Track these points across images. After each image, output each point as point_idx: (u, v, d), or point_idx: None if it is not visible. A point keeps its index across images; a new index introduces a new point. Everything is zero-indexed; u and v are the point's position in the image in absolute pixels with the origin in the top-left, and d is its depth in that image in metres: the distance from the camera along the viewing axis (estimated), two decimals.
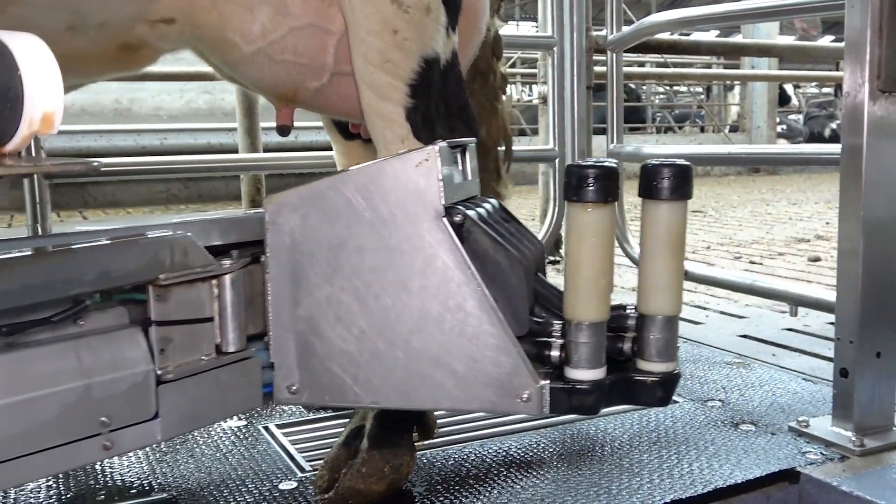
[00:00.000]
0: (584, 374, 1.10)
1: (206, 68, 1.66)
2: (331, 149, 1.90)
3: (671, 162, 1.13)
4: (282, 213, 1.14)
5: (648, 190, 1.12)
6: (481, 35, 1.71)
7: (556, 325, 1.12)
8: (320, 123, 1.84)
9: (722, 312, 3.08)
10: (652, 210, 1.13)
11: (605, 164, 1.11)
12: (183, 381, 1.08)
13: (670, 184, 1.11)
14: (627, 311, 1.17)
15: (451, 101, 1.57)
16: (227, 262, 1.14)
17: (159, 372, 1.06)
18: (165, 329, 1.07)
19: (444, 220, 1.10)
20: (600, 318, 1.11)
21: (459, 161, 1.24)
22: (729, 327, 2.82)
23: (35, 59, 0.76)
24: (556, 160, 2.72)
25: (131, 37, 1.38)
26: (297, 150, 2.90)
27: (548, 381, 1.09)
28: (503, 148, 1.95)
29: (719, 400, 1.94)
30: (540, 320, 1.15)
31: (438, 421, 1.66)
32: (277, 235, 1.15)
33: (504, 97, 1.91)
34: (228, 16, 1.41)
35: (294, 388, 1.17)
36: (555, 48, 2.67)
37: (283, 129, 1.67)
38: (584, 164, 1.10)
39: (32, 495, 1.49)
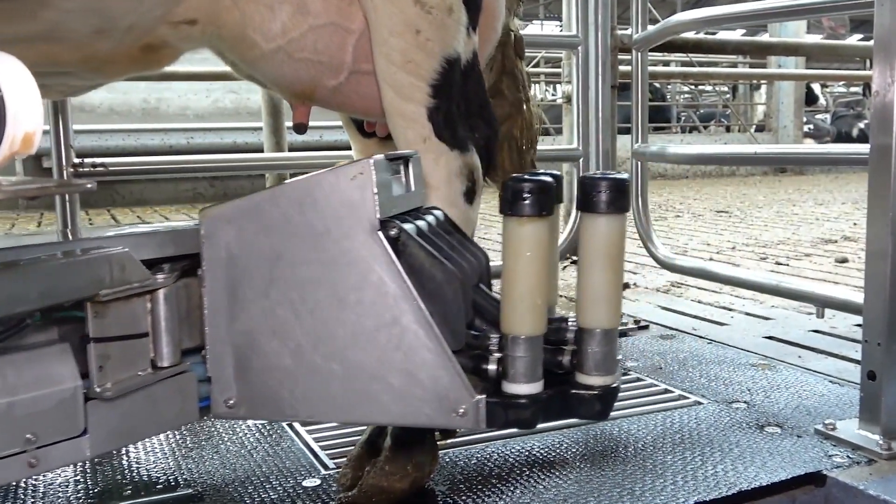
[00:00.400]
0: (521, 388, 1.10)
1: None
2: (350, 148, 1.91)
3: (608, 175, 1.13)
4: (217, 226, 1.13)
5: (586, 203, 1.11)
6: (497, 35, 1.72)
7: (494, 338, 1.12)
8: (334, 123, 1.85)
9: (747, 314, 3.05)
10: (590, 223, 1.12)
11: (541, 177, 1.10)
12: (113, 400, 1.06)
13: (608, 197, 1.10)
14: (568, 324, 1.16)
15: (472, 101, 1.57)
16: (160, 277, 1.12)
17: (98, 389, 1.04)
18: (103, 346, 1.05)
19: (380, 233, 1.09)
20: (536, 332, 1.10)
21: (402, 173, 1.23)
22: (754, 329, 2.80)
23: (17, 80, 0.77)
24: (581, 160, 2.71)
25: (154, 38, 1.40)
26: (321, 150, 2.93)
27: (484, 396, 1.09)
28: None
29: (744, 402, 1.93)
30: (477, 334, 1.14)
31: None
32: (213, 249, 1.13)
33: (530, 94, 1.92)
34: (250, 14, 1.42)
35: (231, 402, 1.16)
36: (579, 47, 2.66)
37: (300, 127, 1.69)
38: (519, 177, 1.10)
39: (61, 490, 1.52)
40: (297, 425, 1.81)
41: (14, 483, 1.55)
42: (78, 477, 1.57)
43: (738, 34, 15.49)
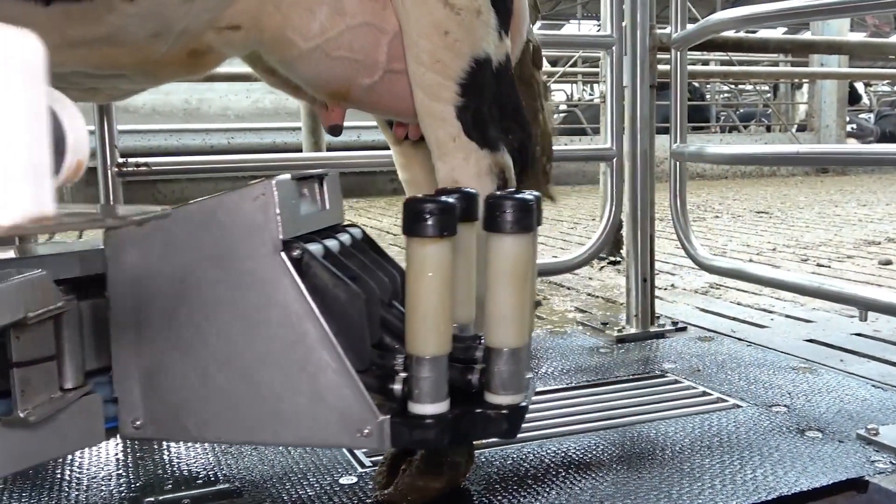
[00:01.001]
0: (426, 408, 1.10)
1: None
2: (389, 148, 1.93)
3: (514, 195, 1.12)
4: (123, 247, 1.13)
5: (491, 223, 1.12)
6: (523, 39, 1.74)
7: (399, 358, 1.12)
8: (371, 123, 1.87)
9: (788, 316, 3.00)
10: (495, 243, 1.12)
11: (442, 199, 1.10)
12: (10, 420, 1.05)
13: (513, 216, 1.10)
14: (478, 343, 1.16)
15: (505, 104, 1.59)
16: (62, 299, 1.10)
17: (21, 414, 1.03)
18: (24, 370, 1.05)
19: (283, 254, 1.09)
20: (440, 353, 1.10)
21: (316, 192, 1.24)
22: (795, 331, 2.75)
23: (71, 111, 0.78)
24: (614, 160, 2.70)
25: (200, 43, 1.45)
26: (359, 150, 2.94)
27: (388, 416, 1.09)
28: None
29: (785, 405, 1.90)
30: (384, 353, 1.14)
31: None
32: (118, 270, 1.14)
33: (546, 103, 1.92)
34: (290, 16, 1.46)
35: (138, 423, 1.16)
36: (613, 47, 2.64)
37: (335, 129, 1.71)
38: (420, 198, 1.10)
39: (104, 483, 1.55)
40: None
41: (59, 476, 1.58)
42: (120, 471, 1.60)
43: (780, 32, 15.24)
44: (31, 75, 0.60)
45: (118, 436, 1.18)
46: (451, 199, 1.11)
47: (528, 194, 1.14)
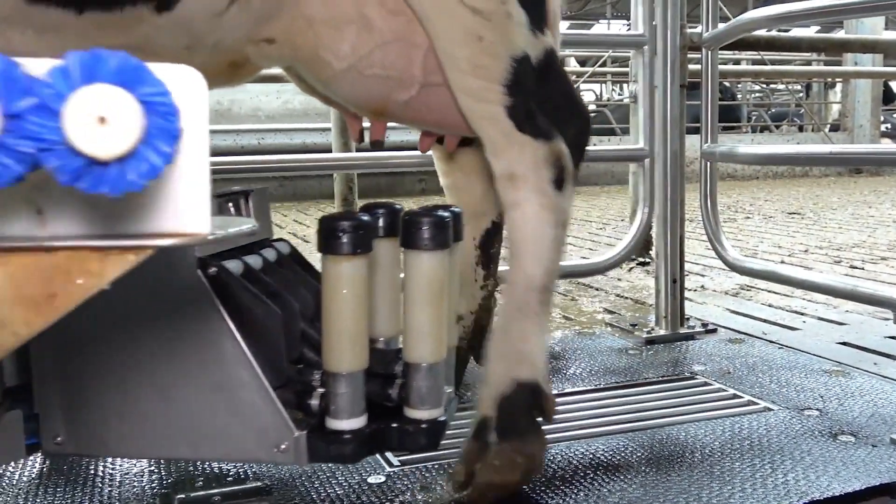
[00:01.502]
0: (343, 423, 1.11)
1: None
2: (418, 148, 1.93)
3: (430, 212, 1.13)
4: None
5: (408, 240, 1.12)
6: (558, 38, 1.73)
7: (317, 374, 1.13)
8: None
9: (820, 318, 2.96)
10: (412, 260, 1.12)
11: (359, 216, 1.11)
12: None
13: (428, 234, 1.11)
14: (399, 358, 1.18)
15: (555, 94, 1.59)
16: None
17: None
18: None
19: (199, 272, 1.10)
20: (356, 369, 1.11)
21: (242, 208, 1.25)
22: (828, 334, 2.72)
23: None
24: (646, 160, 2.68)
25: (238, 55, 1.48)
26: (387, 150, 2.94)
27: (305, 432, 1.09)
28: None
29: (817, 409, 1.88)
30: (303, 369, 1.15)
31: None
32: None
33: None
34: (322, 36, 1.49)
35: (59, 439, 1.17)
36: (645, 47, 2.62)
37: (377, 144, 1.74)
38: (335, 215, 1.10)
39: (136, 479, 1.57)
40: None
41: (92, 472, 1.61)
42: (153, 467, 1.63)
43: (812, 31, 15.03)
44: (200, 107, 0.70)
45: (40, 452, 1.19)
46: (366, 217, 1.12)
47: (446, 212, 1.15)
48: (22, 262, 0.74)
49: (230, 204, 1.24)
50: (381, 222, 1.22)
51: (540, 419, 1.51)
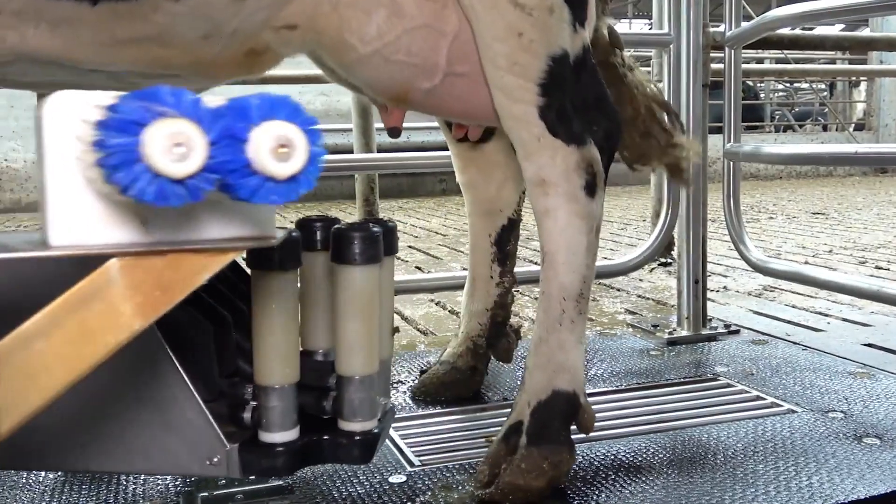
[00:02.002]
0: (275, 436, 1.11)
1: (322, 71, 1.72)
2: (442, 149, 1.93)
3: (360, 226, 1.13)
4: None
5: (338, 255, 1.13)
6: (592, 27, 1.70)
7: (249, 387, 1.13)
8: (432, 124, 1.88)
9: (845, 319, 2.93)
10: (342, 274, 1.13)
11: (291, 233, 1.11)
12: None
13: (359, 248, 1.11)
14: (330, 369, 1.18)
15: (588, 95, 1.56)
16: None
17: None
18: None
19: None
20: (287, 382, 1.11)
21: None
22: (852, 335, 2.69)
23: None
24: None
25: (257, 43, 1.45)
26: (409, 151, 2.96)
27: (237, 445, 1.10)
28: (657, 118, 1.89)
29: (841, 411, 1.86)
30: (236, 382, 1.15)
31: None
32: None
33: (633, 78, 1.87)
34: (347, 19, 1.45)
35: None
36: (671, 45, 2.61)
37: (394, 131, 1.71)
38: None
39: (160, 477, 1.59)
40: None
41: None
42: None
43: (837, 29, 14.86)
44: None
45: None
46: (295, 234, 1.12)
47: (377, 226, 1.16)
48: (139, 264, 0.88)
49: None
50: (317, 236, 1.22)
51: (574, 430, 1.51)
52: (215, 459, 1.11)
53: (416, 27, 1.49)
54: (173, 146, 0.77)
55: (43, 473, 1.61)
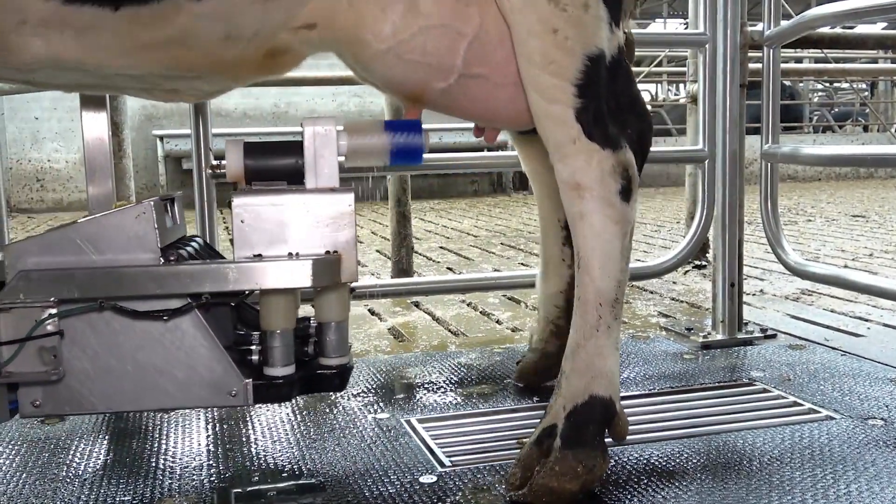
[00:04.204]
0: (278, 371, 1.40)
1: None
2: (474, 150, 1.93)
3: None
4: (20, 258, 1.34)
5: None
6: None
7: (255, 335, 1.42)
8: (465, 125, 1.89)
9: (886, 325, 2.87)
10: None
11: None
12: None
13: None
14: (310, 323, 1.47)
15: (622, 97, 1.55)
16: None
17: None
18: None
19: (161, 259, 1.37)
20: (287, 327, 1.41)
21: (169, 210, 1.50)
22: (894, 341, 2.63)
23: None
24: (706, 161, 2.63)
25: (277, 43, 1.47)
26: (441, 152, 2.96)
27: (250, 380, 1.38)
28: None
29: (881, 418, 1.82)
30: (243, 332, 1.44)
31: None
32: (14, 276, 1.33)
33: None
34: (364, 16, 1.46)
35: (37, 402, 1.38)
36: (707, 45, 2.57)
37: None
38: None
39: (195, 472, 1.61)
40: (415, 423, 1.84)
41: (154, 465, 1.65)
42: (210, 461, 1.66)
43: (879, 27, 14.58)
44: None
45: (19, 415, 1.40)
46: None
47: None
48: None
49: (166, 208, 1.49)
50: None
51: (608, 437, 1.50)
52: (233, 392, 1.39)
53: (433, 26, 1.49)
54: None
55: (82, 468, 1.64)
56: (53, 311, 1.32)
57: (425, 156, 1.57)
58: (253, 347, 1.42)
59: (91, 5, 1.28)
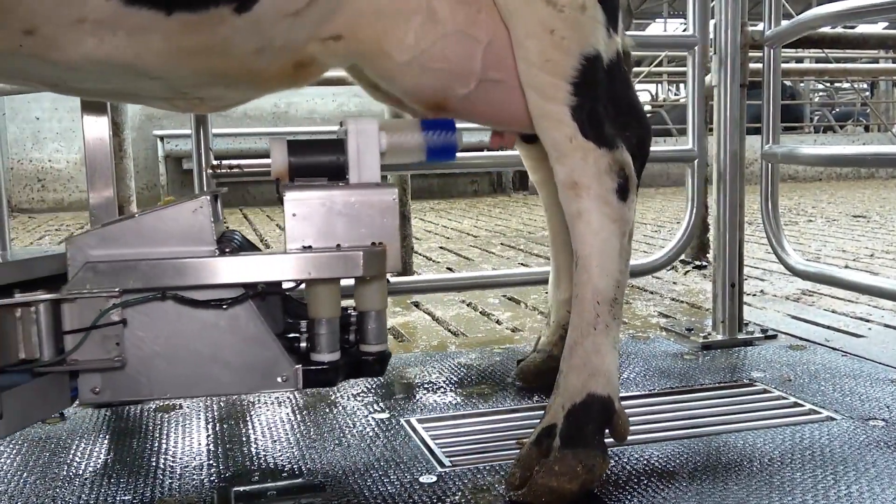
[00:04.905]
0: (325, 357, 1.46)
1: None
2: (476, 150, 1.94)
3: None
4: (82, 250, 1.38)
5: None
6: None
7: (303, 324, 1.48)
8: (462, 125, 1.90)
9: (887, 325, 2.87)
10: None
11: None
12: (13, 390, 1.32)
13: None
14: (350, 312, 1.53)
15: (621, 101, 1.57)
16: (40, 294, 1.33)
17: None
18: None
19: (216, 250, 1.41)
20: (334, 315, 1.46)
21: (217, 206, 1.57)
22: (895, 342, 2.63)
23: None
24: (695, 161, 2.63)
25: (304, 55, 1.50)
26: None
27: (300, 365, 1.44)
28: None
29: (882, 419, 1.82)
30: (291, 321, 1.52)
31: None
32: (77, 268, 1.37)
33: None
34: (386, 28, 1.49)
35: (97, 389, 1.41)
36: (696, 47, 2.57)
37: None
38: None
39: (195, 472, 1.61)
40: (415, 423, 1.84)
41: (154, 465, 1.65)
42: (211, 461, 1.66)
43: (880, 27, 14.58)
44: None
45: (78, 402, 1.44)
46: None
47: None
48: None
49: (214, 203, 1.54)
50: None
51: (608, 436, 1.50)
52: (283, 377, 1.44)
53: (450, 33, 1.52)
54: None
55: (83, 467, 1.64)
56: (118, 300, 1.35)
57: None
58: (301, 334, 1.48)
59: (148, 8, 1.29)
